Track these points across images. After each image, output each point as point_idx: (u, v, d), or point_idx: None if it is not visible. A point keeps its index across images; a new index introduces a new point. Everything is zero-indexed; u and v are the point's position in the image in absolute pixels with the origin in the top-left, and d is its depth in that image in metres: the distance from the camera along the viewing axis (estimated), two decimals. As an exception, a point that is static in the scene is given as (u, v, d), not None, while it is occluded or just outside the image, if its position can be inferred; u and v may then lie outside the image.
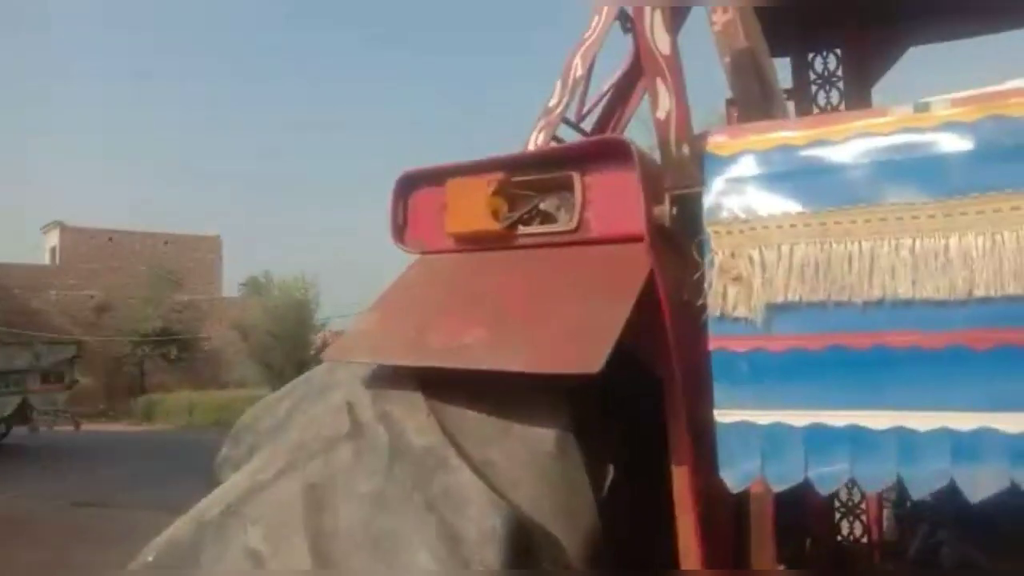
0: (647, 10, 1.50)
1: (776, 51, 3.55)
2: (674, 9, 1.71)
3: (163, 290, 29.68)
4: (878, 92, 3.60)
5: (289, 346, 24.43)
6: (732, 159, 1.52)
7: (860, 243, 1.37)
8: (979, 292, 1.27)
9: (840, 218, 1.39)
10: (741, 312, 1.44)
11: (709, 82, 2.43)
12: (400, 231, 1.94)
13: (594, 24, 2.21)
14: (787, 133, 1.51)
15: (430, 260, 1.91)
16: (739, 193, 1.49)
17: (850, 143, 1.43)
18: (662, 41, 1.51)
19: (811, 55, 3.63)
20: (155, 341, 28.86)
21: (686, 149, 1.54)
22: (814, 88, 3.65)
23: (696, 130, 1.60)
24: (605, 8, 2.18)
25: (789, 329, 1.41)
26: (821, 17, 3.34)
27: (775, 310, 1.41)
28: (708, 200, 1.51)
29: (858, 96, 3.57)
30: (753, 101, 1.91)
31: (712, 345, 1.47)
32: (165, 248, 32.89)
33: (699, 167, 1.55)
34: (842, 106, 3.55)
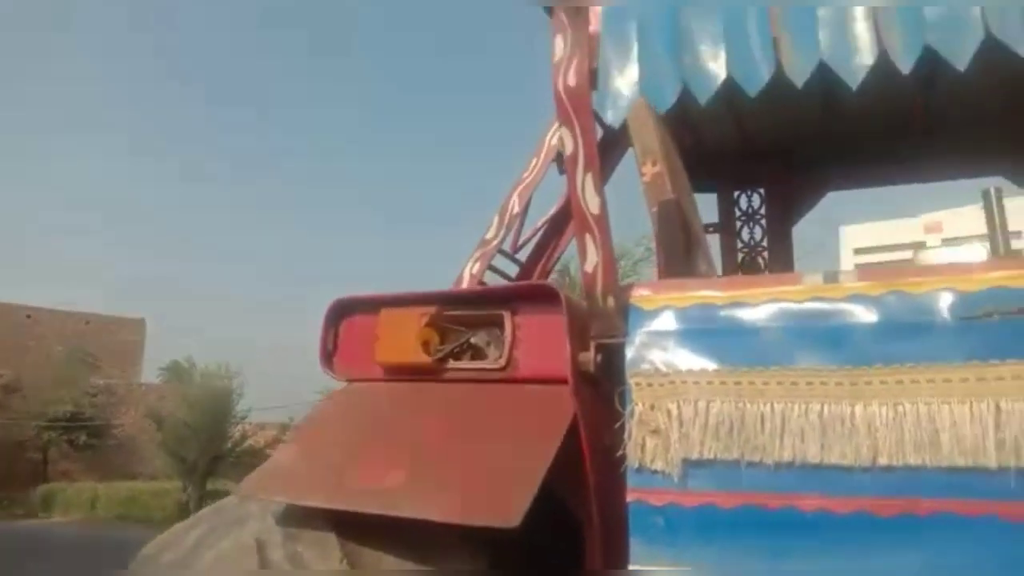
0: (579, 172, 1.58)
1: (704, 187, 3.76)
2: (604, 164, 1.80)
3: (78, 372, 28.36)
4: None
5: (205, 438, 23.40)
6: (654, 313, 1.58)
7: (772, 404, 1.42)
8: (883, 460, 1.33)
9: (754, 379, 1.45)
10: (658, 465, 1.46)
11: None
12: (329, 357, 1.93)
13: (532, 165, 2.32)
14: (707, 292, 1.58)
15: (357, 389, 1.90)
16: (660, 347, 1.54)
17: (765, 307, 1.51)
18: (592, 201, 1.59)
19: (737, 192, 3.84)
20: (63, 426, 27.33)
21: (611, 301, 1.60)
22: (739, 224, 3.84)
23: (623, 281, 1.66)
24: (544, 150, 2.28)
25: (704, 485, 1.44)
26: (747, 158, 3.55)
27: (691, 465, 1.45)
28: (630, 351, 1.56)
29: (779, 234, 3.76)
30: (677, 250, 2.00)
31: (630, 496, 1.48)
32: (86, 328, 31.67)
33: (623, 318, 1.60)
34: (764, 242, 3.72)
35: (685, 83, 1.47)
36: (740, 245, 3.74)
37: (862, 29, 1.38)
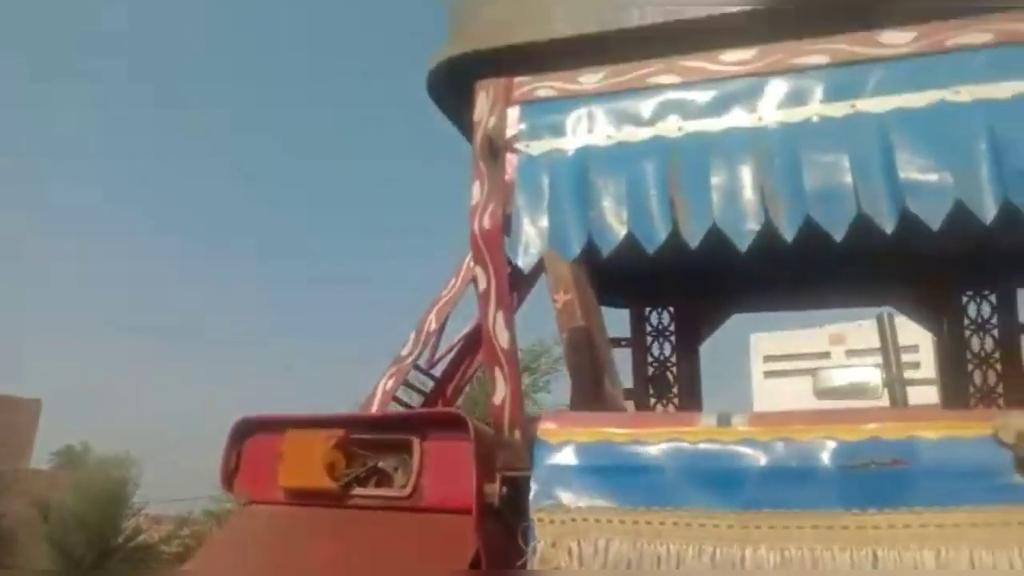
0: (491, 308, 1.65)
1: (618, 302, 3.90)
2: (522, 289, 1.87)
3: (-41, 456, 26.28)
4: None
5: (95, 531, 21.85)
6: (558, 447, 1.62)
7: (669, 546, 1.47)
8: None
9: (652, 518, 1.50)
10: None
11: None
12: (230, 477, 1.90)
13: (451, 285, 2.38)
14: (610, 428, 1.64)
15: (257, 512, 1.86)
16: (563, 482, 1.58)
17: (663, 446, 1.57)
18: (502, 336, 1.65)
19: (648, 309, 3.99)
20: (-65, 515, 25.09)
21: (517, 434, 1.64)
22: (649, 339, 3.97)
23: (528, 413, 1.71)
24: (462, 271, 2.35)
25: None
26: (657, 279, 3.70)
27: None
28: (534, 486, 1.59)
29: (687, 351, 3.91)
30: (584, 377, 2.07)
31: None
32: (-28, 409, 29.59)
33: (529, 451, 1.64)
34: (673, 358, 3.84)
35: (590, 236, 1.56)
36: (651, 360, 3.86)
37: (750, 198, 1.51)
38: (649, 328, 4.00)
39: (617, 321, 3.91)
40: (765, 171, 1.52)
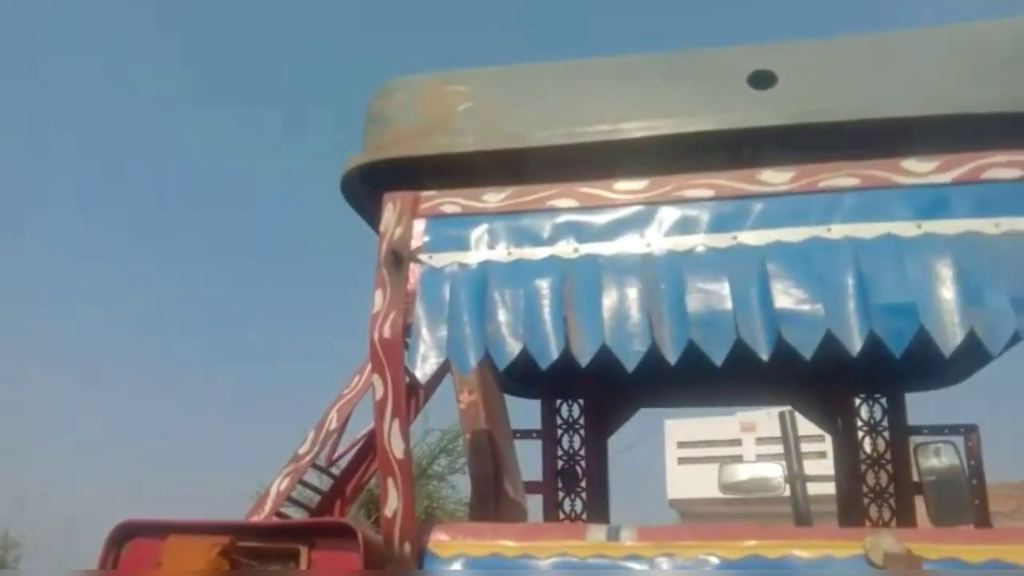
0: (387, 418, 1.65)
1: (529, 393, 3.93)
2: (413, 402, 1.88)
3: None
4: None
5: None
6: (448, 561, 1.62)
7: None
8: None
9: None
10: None
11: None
12: None
13: (355, 383, 2.37)
14: (501, 541, 1.64)
15: None
16: None
17: (552, 560, 1.58)
18: (397, 446, 1.65)
19: (559, 401, 4.04)
20: None
21: (408, 547, 1.62)
22: (559, 431, 4.01)
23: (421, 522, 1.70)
24: (367, 369, 2.35)
25: None
26: (567, 372, 3.76)
27: None
28: None
29: (596, 444, 3.95)
30: (485, 482, 2.08)
31: None
32: None
33: (419, 564, 1.62)
34: (583, 451, 3.88)
35: (488, 349, 1.60)
36: (560, 452, 3.88)
37: (637, 320, 1.58)
38: (560, 420, 4.03)
39: (529, 412, 3.95)
40: (652, 295, 1.59)
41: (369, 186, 2.04)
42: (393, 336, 1.64)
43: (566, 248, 1.69)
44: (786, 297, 1.54)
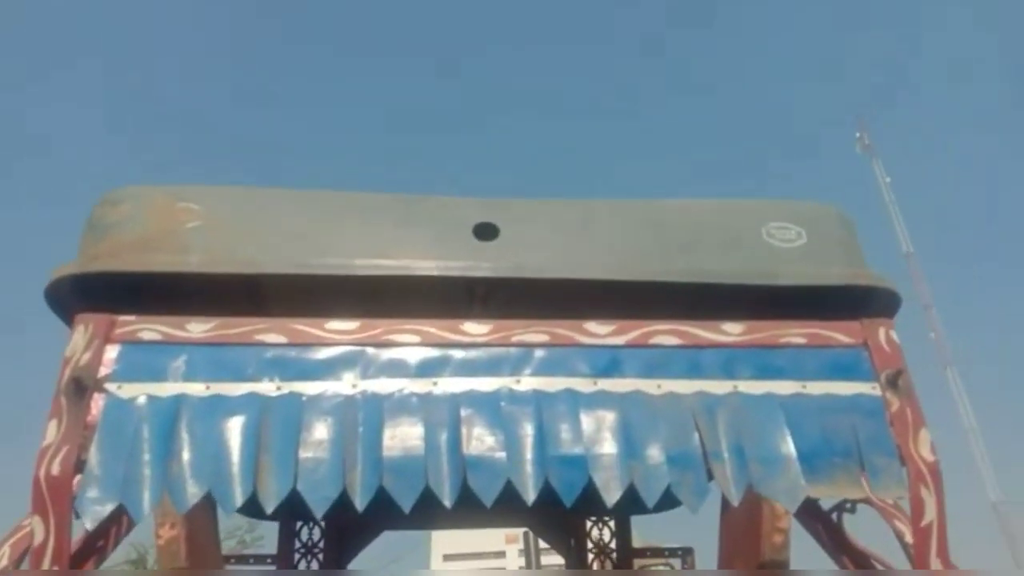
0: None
1: (264, 515, 3.75)
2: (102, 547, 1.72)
3: None
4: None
5: None
6: None
7: None
8: None
9: None
10: None
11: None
12: None
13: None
14: None
15: None
16: None
17: None
18: None
19: (299, 524, 3.88)
20: None
21: None
22: (297, 555, 3.84)
23: None
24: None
25: None
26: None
27: None
28: None
29: (336, 568, 3.83)
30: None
31: None
32: None
33: None
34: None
35: (168, 492, 1.51)
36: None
37: (330, 465, 1.56)
38: (298, 544, 3.88)
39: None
40: (349, 439, 1.59)
41: (79, 299, 1.88)
42: (62, 474, 1.50)
43: (268, 386, 1.66)
44: (473, 444, 1.61)
